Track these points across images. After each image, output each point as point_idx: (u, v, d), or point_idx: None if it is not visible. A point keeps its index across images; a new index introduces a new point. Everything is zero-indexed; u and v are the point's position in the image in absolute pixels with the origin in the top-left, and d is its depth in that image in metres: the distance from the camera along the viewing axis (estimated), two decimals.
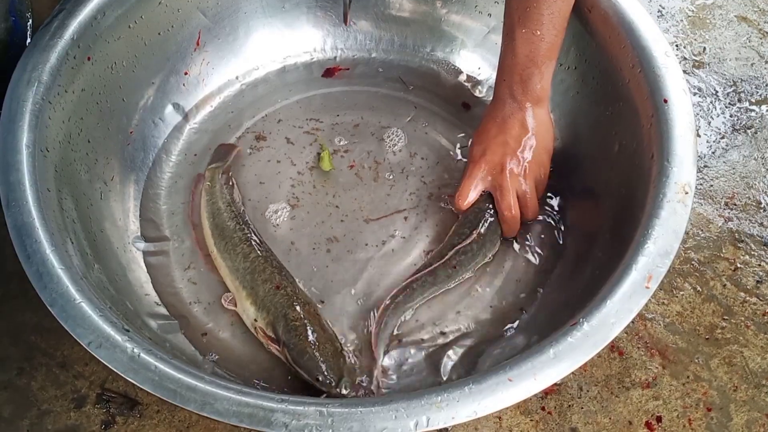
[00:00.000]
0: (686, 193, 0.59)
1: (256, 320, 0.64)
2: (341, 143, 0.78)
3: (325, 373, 0.60)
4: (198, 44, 0.78)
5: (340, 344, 0.64)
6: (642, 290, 0.55)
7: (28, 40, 0.82)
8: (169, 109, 0.78)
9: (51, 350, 0.68)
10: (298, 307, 0.64)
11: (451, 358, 0.65)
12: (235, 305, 0.67)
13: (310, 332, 0.62)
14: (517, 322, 0.67)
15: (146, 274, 0.69)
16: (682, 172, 0.60)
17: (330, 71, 0.82)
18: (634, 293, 0.55)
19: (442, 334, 0.67)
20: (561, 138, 0.76)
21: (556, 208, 0.73)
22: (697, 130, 0.80)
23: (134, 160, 0.74)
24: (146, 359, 0.51)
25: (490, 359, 0.64)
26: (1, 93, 0.63)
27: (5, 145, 0.60)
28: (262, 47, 0.82)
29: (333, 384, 0.60)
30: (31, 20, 0.84)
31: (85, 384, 0.67)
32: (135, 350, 0.52)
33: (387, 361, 0.65)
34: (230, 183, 0.73)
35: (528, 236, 0.72)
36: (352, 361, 0.64)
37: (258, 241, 0.69)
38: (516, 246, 0.71)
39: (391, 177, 0.75)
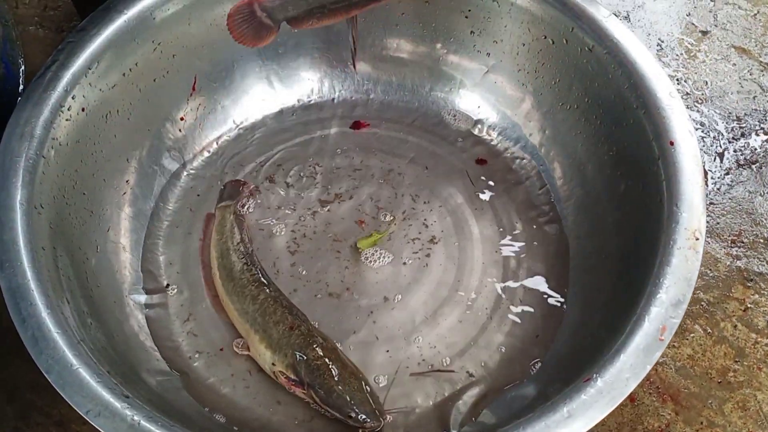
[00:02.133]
0: (697, 239, 0.58)
1: (274, 364, 0.63)
2: (341, 188, 0.76)
3: (357, 408, 0.60)
4: (194, 89, 0.77)
5: (362, 375, 0.63)
6: (656, 343, 0.53)
7: (21, 87, 0.81)
8: (166, 156, 0.76)
9: (48, 408, 0.66)
10: (316, 346, 0.62)
11: (460, 410, 0.63)
12: (248, 350, 0.66)
13: (334, 370, 0.61)
14: (527, 372, 0.65)
15: (145, 329, 0.67)
16: (692, 217, 0.59)
17: (357, 125, 0.81)
18: (647, 346, 0.53)
19: (450, 381, 0.65)
20: (565, 177, 0.75)
21: (563, 250, 0.72)
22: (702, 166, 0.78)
23: (131, 210, 0.73)
24: (147, 427, 0.50)
25: (500, 411, 0.62)
26: None
27: None
28: (259, 91, 0.81)
29: (366, 418, 0.60)
30: (23, 66, 0.83)
31: None
32: (135, 418, 0.50)
33: (395, 411, 0.63)
34: (240, 222, 0.72)
35: (534, 281, 0.70)
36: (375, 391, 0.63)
37: (267, 282, 0.67)
38: (523, 292, 0.70)
39: (391, 219, 0.74)
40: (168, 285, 0.70)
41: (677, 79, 0.88)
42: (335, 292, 0.70)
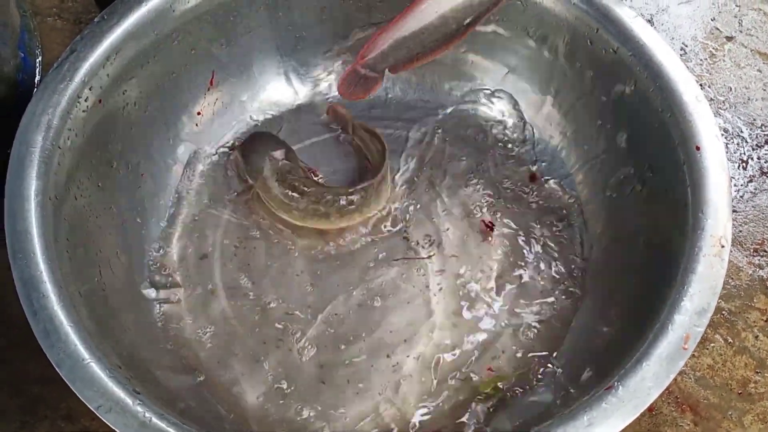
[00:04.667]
0: (722, 246, 0.57)
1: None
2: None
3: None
4: (211, 84, 0.76)
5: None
6: (679, 352, 0.52)
7: (38, 78, 0.81)
8: (182, 150, 0.75)
9: (55, 402, 0.66)
10: None
11: (475, 415, 0.62)
12: None
13: None
14: (544, 378, 0.64)
15: (157, 325, 0.66)
16: (718, 224, 0.57)
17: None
18: (670, 355, 0.52)
19: (467, 379, 0.64)
20: (586, 181, 0.74)
21: (584, 255, 0.71)
22: None
23: (145, 203, 0.72)
24: (158, 425, 0.49)
25: (516, 417, 0.61)
26: (13, 131, 0.61)
27: (13, 193, 0.58)
28: (276, 87, 0.80)
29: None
30: (41, 57, 0.82)
31: None
32: (146, 415, 0.49)
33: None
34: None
35: (552, 285, 0.69)
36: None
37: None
38: (541, 297, 0.69)
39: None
40: (181, 281, 0.70)
41: (701, 85, 0.86)
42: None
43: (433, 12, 0.62)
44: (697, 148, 0.61)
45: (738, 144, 0.82)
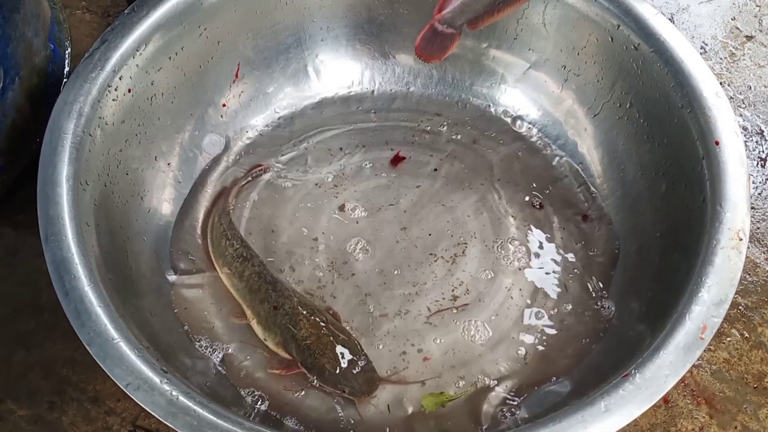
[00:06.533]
0: (740, 239, 0.57)
1: (266, 340, 0.65)
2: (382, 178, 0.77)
3: (350, 384, 0.62)
4: (237, 76, 0.78)
5: (354, 341, 0.64)
6: (696, 341, 0.53)
7: (67, 69, 0.82)
8: (207, 140, 0.77)
9: (83, 384, 0.67)
10: (303, 324, 0.63)
11: (491, 403, 0.63)
12: (244, 319, 0.67)
13: (324, 347, 0.62)
14: (562, 369, 0.65)
15: (181, 309, 0.68)
16: (736, 217, 0.58)
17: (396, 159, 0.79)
18: (688, 345, 0.53)
19: (483, 374, 0.65)
20: (605, 176, 0.75)
21: (602, 248, 0.72)
22: None
23: (171, 192, 0.73)
24: (185, 403, 0.50)
25: (533, 407, 0.62)
26: (42, 121, 0.63)
27: (46, 178, 0.59)
28: (300, 80, 0.82)
29: (359, 392, 0.62)
30: (69, 48, 0.84)
31: (117, 420, 0.65)
32: (173, 393, 0.50)
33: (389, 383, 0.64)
34: (223, 194, 0.74)
35: (571, 278, 0.70)
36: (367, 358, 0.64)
37: (249, 256, 0.68)
38: (559, 289, 0.69)
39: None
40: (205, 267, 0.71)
41: (720, 83, 0.86)
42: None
43: None
44: (717, 143, 0.62)
45: (757, 142, 0.82)
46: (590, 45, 0.74)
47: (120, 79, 0.66)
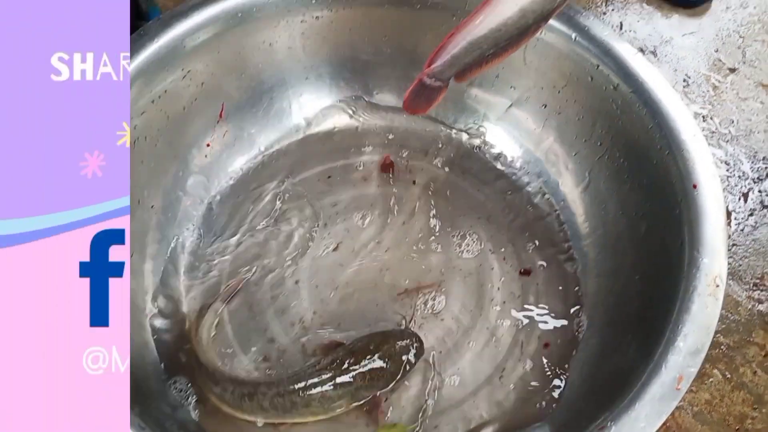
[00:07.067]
0: (717, 286, 0.57)
1: (339, 410, 0.64)
2: (360, 217, 0.77)
3: (417, 354, 0.66)
4: (221, 116, 0.78)
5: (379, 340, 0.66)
6: (672, 392, 0.53)
7: None
8: (191, 181, 0.77)
9: None
10: (348, 370, 0.64)
11: None
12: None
13: (370, 367, 0.64)
14: (541, 413, 0.65)
15: (163, 355, 0.68)
16: (714, 263, 0.58)
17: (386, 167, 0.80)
18: (663, 395, 0.53)
19: (464, 421, 0.65)
20: (587, 214, 0.75)
21: (581, 290, 0.72)
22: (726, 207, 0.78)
23: (155, 234, 0.73)
24: None
25: None
26: None
27: None
28: (284, 118, 0.82)
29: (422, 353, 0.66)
30: None
31: None
32: None
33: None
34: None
35: (551, 320, 0.70)
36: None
37: (252, 388, 0.64)
38: (539, 332, 0.70)
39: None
40: (187, 312, 0.71)
41: (703, 117, 0.87)
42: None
43: (513, 5, 0.58)
44: (695, 187, 0.62)
45: (739, 177, 0.83)
46: (570, 84, 0.74)
47: None
